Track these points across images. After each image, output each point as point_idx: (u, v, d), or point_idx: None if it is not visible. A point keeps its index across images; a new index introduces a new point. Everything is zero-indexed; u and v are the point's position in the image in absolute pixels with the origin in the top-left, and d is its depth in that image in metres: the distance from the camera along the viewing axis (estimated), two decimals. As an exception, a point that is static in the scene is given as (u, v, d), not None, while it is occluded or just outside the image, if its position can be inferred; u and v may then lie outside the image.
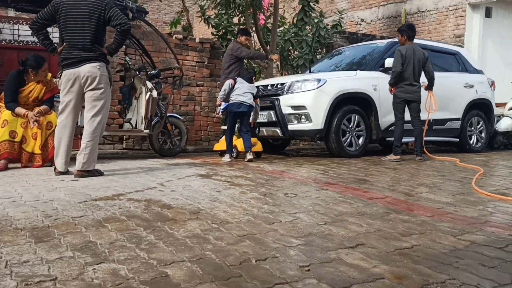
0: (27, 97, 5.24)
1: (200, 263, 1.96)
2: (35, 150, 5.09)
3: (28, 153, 5.08)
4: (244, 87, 6.01)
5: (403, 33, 6.21)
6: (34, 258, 1.98)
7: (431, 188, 3.93)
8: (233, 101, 5.95)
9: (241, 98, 5.90)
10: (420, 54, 6.09)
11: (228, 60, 6.97)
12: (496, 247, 2.26)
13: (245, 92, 5.96)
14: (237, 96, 5.94)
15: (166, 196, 3.39)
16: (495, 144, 8.54)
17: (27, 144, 5.07)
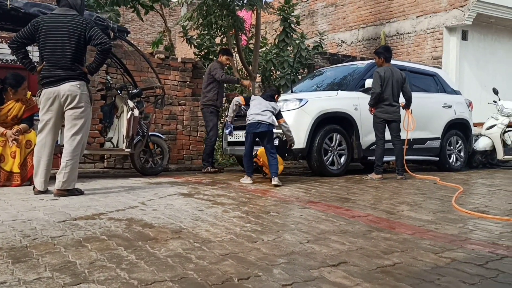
0: (6, 115, 5.17)
1: (182, 282, 1.94)
2: (13, 169, 5.00)
3: (6, 171, 4.98)
4: (261, 105, 5.45)
5: (380, 55, 6.35)
6: (11, 279, 1.93)
7: (412, 206, 3.96)
8: (250, 121, 5.42)
9: (259, 117, 5.35)
10: (398, 75, 6.22)
11: (206, 79, 7.12)
12: (476, 264, 2.29)
13: (263, 110, 5.39)
14: (255, 115, 5.39)
15: (147, 215, 3.35)
16: (473, 162, 8.69)
17: (5, 163, 4.98)
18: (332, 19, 13.82)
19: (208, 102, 7.03)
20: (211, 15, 9.07)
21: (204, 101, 7.09)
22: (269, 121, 5.37)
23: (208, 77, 7.05)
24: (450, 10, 10.82)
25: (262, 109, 5.40)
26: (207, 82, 7.07)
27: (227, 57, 7.28)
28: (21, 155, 5.05)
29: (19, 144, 5.05)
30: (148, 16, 13.09)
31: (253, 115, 5.41)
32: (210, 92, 7.02)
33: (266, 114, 5.37)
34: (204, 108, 7.12)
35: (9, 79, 5.20)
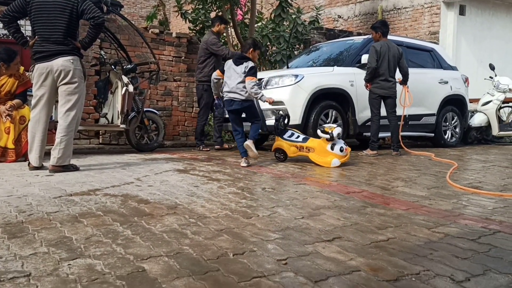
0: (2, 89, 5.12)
1: (177, 257, 1.95)
2: (8, 145, 4.98)
3: (1, 147, 4.96)
4: (233, 77, 4.96)
5: (377, 30, 6.29)
6: (7, 254, 1.94)
7: (406, 182, 3.99)
8: (225, 98, 5.07)
9: (231, 94, 4.95)
10: (395, 50, 6.17)
11: (203, 54, 6.76)
12: (469, 239, 2.31)
13: (237, 83, 4.90)
14: (227, 92, 5.00)
15: (143, 191, 3.36)
16: (469, 139, 8.72)
17: (0, 138, 4.96)
18: (328, -6, 13.63)
19: (203, 78, 6.72)
20: (206, -12, 8.95)
21: (199, 77, 6.80)
22: (242, 97, 4.90)
23: (205, 52, 6.71)
24: (448, -15, 10.69)
25: (235, 82, 4.91)
26: (203, 56, 6.75)
27: (225, 26, 6.93)
28: (15, 130, 5.03)
29: (13, 120, 5.02)
30: (142, -11, 12.84)
31: (225, 92, 5.04)
32: (206, 68, 6.71)
33: (239, 87, 4.88)
34: (198, 85, 6.86)
35: (1, 53, 5.13)
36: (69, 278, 1.70)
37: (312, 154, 4.91)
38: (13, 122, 5.02)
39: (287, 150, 5.12)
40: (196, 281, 1.70)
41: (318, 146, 4.89)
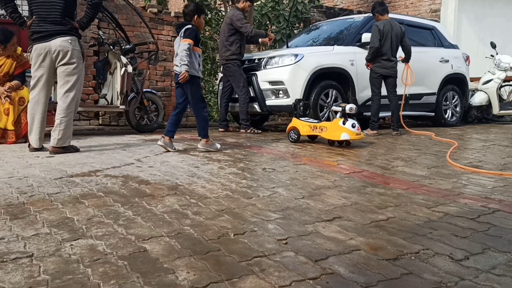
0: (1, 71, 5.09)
1: (179, 238, 1.97)
2: (7, 126, 4.98)
3: (0, 129, 4.96)
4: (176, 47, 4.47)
5: (373, 13, 6.31)
6: (10, 235, 1.96)
7: (406, 162, 3.99)
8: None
9: (175, 67, 4.46)
10: (398, 29, 6.12)
11: (227, 30, 6.35)
12: (469, 218, 2.33)
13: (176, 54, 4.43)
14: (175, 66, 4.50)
15: (143, 172, 3.36)
16: (469, 118, 8.70)
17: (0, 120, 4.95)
18: (329, -29, 13.43)
19: (232, 56, 6.34)
20: (205, -34, 8.81)
21: (227, 55, 6.38)
22: (178, 69, 4.38)
23: (229, 28, 6.31)
24: (450, -39, 10.52)
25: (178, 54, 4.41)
26: (228, 33, 6.33)
27: (250, 4, 6.55)
28: (15, 112, 5.01)
29: (12, 101, 5.00)
30: (139, -32, 12.66)
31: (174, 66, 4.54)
32: (233, 45, 6.32)
33: (177, 58, 4.39)
34: (228, 63, 6.39)
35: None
36: (72, 259, 1.72)
37: (324, 133, 4.91)
38: (12, 104, 5.00)
39: (301, 129, 5.11)
40: (197, 261, 1.72)
41: (331, 125, 4.89)
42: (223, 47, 6.45)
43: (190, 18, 4.47)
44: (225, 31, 6.43)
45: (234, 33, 6.34)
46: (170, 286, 1.51)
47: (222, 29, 6.54)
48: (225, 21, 6.47)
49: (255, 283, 1.55)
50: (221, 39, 6.54)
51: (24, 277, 1.56)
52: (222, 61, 6.54)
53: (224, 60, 6.48)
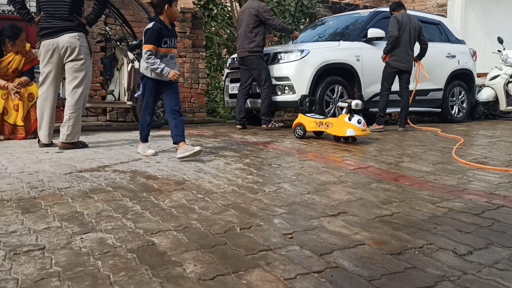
0: (6, 68, 5.14)
1: (186, 232, 2.01)
2: (17, 122, 5.04)
3: (10, 125, 5.02)
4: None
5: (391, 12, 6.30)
6: (22, 228, 2.00)
7: (412, 158, 4.01)
8: None
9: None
10: (416, 22, 6.11)
11: (252, 22, 6.17)
12: (473, 213, 2.35)
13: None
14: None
15: (151, 167, 3.41)
16: (476, 114, 8.67)
17: (9, 116, 5.01)
18: (335, -34, 13.40)
19: (256, 48, 6.19)
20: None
21: (251, 47, 6.19)
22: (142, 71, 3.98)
23: (255, 19, 6.15)
24: (457, -44, 10.47)
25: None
26: (252, 25, 6.15)
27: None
28: (24, 108, 5.07)
29: (22, 97, 5.05)
30: (146, -37, 12.68)
31: None
32: (257, 36, 6.16)
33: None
34: (252, 56, 6.21)
35: (6, 30, 5.13)
36: (82, 251, 1.76)
37: (330, 129, 4.93)
38: (22, 100, 5.06)
39: (307, 125, 5.12)
40: (204, 254, 1.76)
41: (337, 121, 4.90)
42: (246, 38, 6.22)
43: (161, 10, 3.86)
44: (249, 22, 6.20)
45: (258, 24, 6.19)
46: (178, 278, 1.55)
47: (245, 21, 6.28)
48: (249, 12, 6.24)
49: (261, 276, 1.59)
50: (244, 30, 6.28)
51: (37, 269, 1.60)
52: (244, 53, 6.28)
53: (247, 52, 6.24)
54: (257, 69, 6.22)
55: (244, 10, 6.41)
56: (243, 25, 6.31)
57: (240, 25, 6.38)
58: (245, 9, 6.40)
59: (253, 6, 6.23)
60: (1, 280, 1.51)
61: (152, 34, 3.76)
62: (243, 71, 6.44)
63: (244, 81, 6.44)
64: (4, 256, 1.71)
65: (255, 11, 6.18)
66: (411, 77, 6.30)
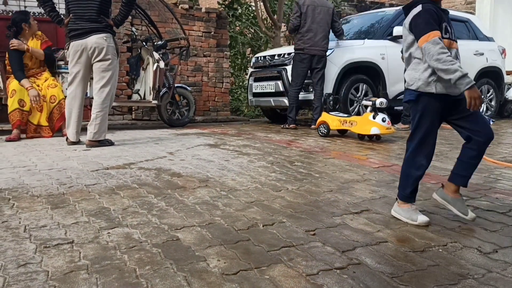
0: (30, 57, 5.32)
1: (209, 228, 2.04)
2: (41, 122, 5.19)
3: (34, 125, 5.16)
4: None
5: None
6: (51, 223, 2.07)
7: (438, 156, 3.95)
8: None
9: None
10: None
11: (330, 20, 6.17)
12: (499, 212, 2.31)
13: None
14: None
15: (175, 165, 3.46)
16: (505, 112, 8.49)
17: (32, 116, 5.15)
18: (360, -36, 13.27)
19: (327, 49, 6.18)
20: (235, -38, 8.86)
21: (328, 47, 6.18)
22: None
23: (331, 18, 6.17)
24: (486, -49, 10.24)
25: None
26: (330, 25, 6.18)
27: None
28: (47, 109, 5.22)
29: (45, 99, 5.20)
30: (171, -36, 12.81)
31: None
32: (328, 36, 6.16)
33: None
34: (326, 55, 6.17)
35: (18, 17, 5.35)
36: (109, 245, 1.81)
37: (354, 127, 4.91)
38: (45, 101, 5.21)
39: (331, 123, 5.12)
40: (228, 250, 1.78)
41: (361, 119, 4.88)
42: (326, 38, 6.13)
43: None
44: (327, 21, 6.14)
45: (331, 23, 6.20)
46: (201, 272, 1.58)
47: (322, 18, 6.12)
48: (326, 11, 6.16)
49: (283, 271, 1.60)
50: (322, 28, 6.10)
51: (66, 262, 1.65)
52: (321, 51, 6.11)
53: (324, 51, 6.12)
54: (323, 69, 6.13)
55: (316, 6, 6.15)
56: (320, 22, 6.11)
57: (314, 21, 6.11)
58: (317, 5, 6.15)
59: (329, 5, 6.22)
60: (33, 272, 1.57)
61: (431, 15, 2.27)
62: (304, 69, 6.11)
63: (301, 79, 6.16)
64: (35, 249, 1.77)
65: (332, 10, 6.19)
66: None
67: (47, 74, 5.46)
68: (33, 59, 5.35)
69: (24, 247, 1.79)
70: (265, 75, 6.86)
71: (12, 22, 5.35)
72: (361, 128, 4.82)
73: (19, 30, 5.32)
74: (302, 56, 6.08)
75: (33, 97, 5.10)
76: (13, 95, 5.06)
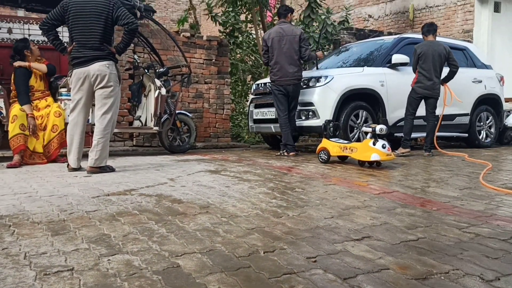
0: (35, 79, 5.44)
1: (210, 254, 2.03)
2: (37, 149, 5.22)
3: (29, 150, 5.18)
4: None
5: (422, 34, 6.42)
6: (52, 250, 2.06)
7: (438, 183, 3.96)
8: None
9: None
10: (441, 49, 6.15)
11: (297, 47, 6.09)
12: (501, 239, 2.30)
13: None
14: None
15: (176, 191, 3.46)
16: (504, 139, 8.52)
17: (29, 142, 5.18)
18: (359, -7, 13.55)
19: (301, 75, 6.21)
20: (236, -8, 9.04)
21: (300, 74, 6.17)
22: None
23: (299, 45, 6.10)
24: (482, -19, 10.47)
25: None
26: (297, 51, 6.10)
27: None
28: (46, 137, 5.26)
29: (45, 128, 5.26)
30: (173, -6, 13.07)
31: None
32: (299, 63, 6.18)
33: None
34: (299, 83, 6.19)
35: (19, 46, 5.48)
36: (109, 273, 1.80)
37: (355, 154, 4.92)
38: (41, 129, 5.26)
39: (331, 150, 5.13)
40: (228, 277, 1.77)
41: (361, 145, 4.90)
42: (295, 66, 6.10)
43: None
44: (294, 49, 6.08)
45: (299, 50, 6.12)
46: (202, 300, 1.57)
47: (288, 47, 6.09)
48: (292, 39, 6.07)
49: (285, 299, 1.59)
50: (288, 57, 6.09)
51: (66, 289, 1.64)
52: (293, 80, 6.10)
53: (295, 80, 6.12)
54: (297, 97, 6.21)
55: (282, 36, 6.12)
56: (285, 52, 6.09)
57: (280, 51, 6.11)
58: (283, 35, 6.11)
59: (296, 33, 6.11)
60: (32, 299, 1.56)
61: None
62: (282, 97, 6.17)
63: (285, 107, 6.20)
64: (35, 276, 1.76)
65: (298, 37, 6.08)
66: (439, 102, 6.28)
67: (50, 99, 5.52)
68: (37, 81, 5.43)
69: (24, 274, 1.78)
70: (265, 102, 6.92)
71: (14, 51, 5.47)
72: (362, 154, 4.84)
73: (22, 57, 5.42)
74: (276, 87, 6.18)
75: (32, 125, 5.17)
76: (14, 120, 5.10)
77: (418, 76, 6.14)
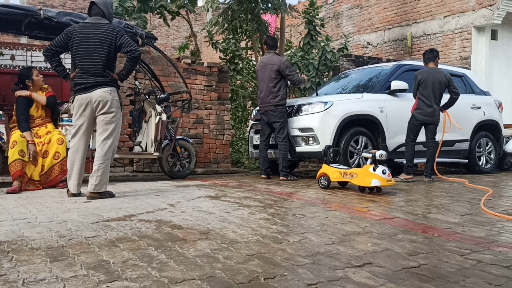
0: (35, 108, 5.46)
1: (210, 281, 2.01)
2: (33, 176, 5.19)
3: (27, 176, 5.16)
4: None
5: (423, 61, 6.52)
6: (50, 276, 2.04)
7: (439, 209, 3.95)
8: None
9: None
10: (441, 76, 6.22)
11: (274, 76, 6.34)
12: (503, 265, 2.29)
13: None
14: None
15: (176, 217, 3.44)
16: (504, 165, 8.52)
17: (27, 168, 5.17)
18: (357, 21, 13.76)
19: (281, 102, 6.37)
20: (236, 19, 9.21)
21: (276, 101, 6.35)
22: None
23: (276, 75, 6.32)
24: (478, 10, 10.64)
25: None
26: (275, 80, 6.33)
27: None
28: (47, 164, 5.25)
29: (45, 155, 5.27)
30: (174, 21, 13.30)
31: None
32: (281, 90, 6.35)
33: None
34: (277, 109, 6.36)
35: (21, 75, 5.52)
36: (108, 299, 1.78)
37: (355, 179, 4.92)
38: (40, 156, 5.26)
39: (331, 175, 5.12)
40: (229, 304, 1.75)
41: (362, 171, 4.90)
42: (270, 93, 6.37)
43: None
44: (271, 77, 6.37)
45: (280, 79, 6.36)
46: (202, 327, 1.55)
47: (267, 76, 6.42)
48: (270, 68, 6.37)
49: (285, 326, 1.57)
50: (266, 85, 6.43)
51: (63, 316, 1.62)
52: (269, 107, 6.40)
53: (272, 106, 6.37)
54: (281, 122, 6.36)
55: (264, 65, 6.48)
56: (265, 80, 6.46)
57: (262, 80, 6.53)
58: (265, 64, 6.48)
59: (274, 62, 6.38)
60: (29, 326, 1.54)
61: None
62: (264, 124, 6.62)
63: (266, 133, 6.64)
64: (32, 302, 1.74)
65: (277, 66, 6.33)
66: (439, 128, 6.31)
67: (51, 126, 5.54)
68: (38, 110, 5.46)
69: (21, 301, 1.76)
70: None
71: (18, 79, 5.54)
72: (362, 180, 4.83)
73: (25, 86, 5.48)
74: (260, 114, 6.67)
75: (32, 151, 5.18)
76: (14, 146, 5.11)
77: (418, 102, 6.19)
